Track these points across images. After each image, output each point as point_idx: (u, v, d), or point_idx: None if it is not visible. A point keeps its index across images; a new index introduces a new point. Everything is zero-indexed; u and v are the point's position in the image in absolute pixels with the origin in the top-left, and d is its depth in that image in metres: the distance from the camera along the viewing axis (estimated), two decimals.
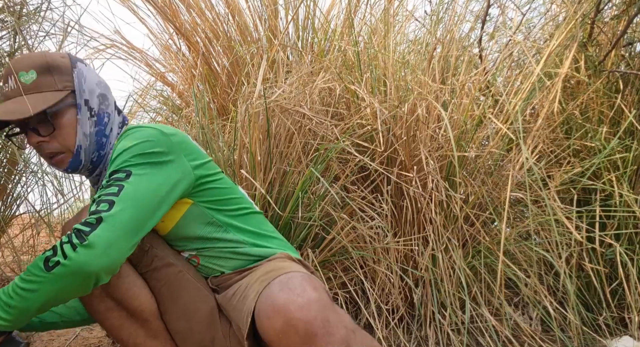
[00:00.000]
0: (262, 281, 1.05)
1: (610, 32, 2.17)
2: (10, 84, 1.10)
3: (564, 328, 1.79)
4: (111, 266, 1.00)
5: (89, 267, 0.97)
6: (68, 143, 1.14)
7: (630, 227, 1.92)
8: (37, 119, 1.11)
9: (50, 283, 0.98)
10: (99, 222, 0.99)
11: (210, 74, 2.24)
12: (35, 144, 1.14)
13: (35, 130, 1.12)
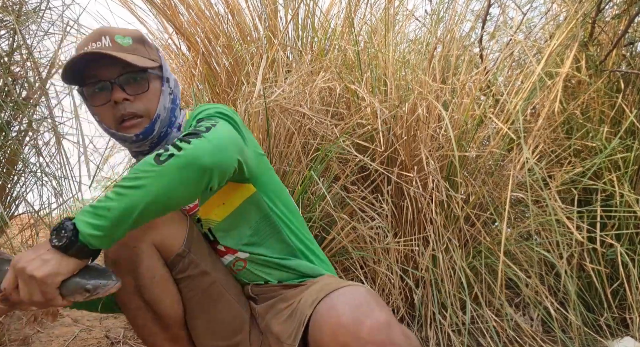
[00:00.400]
0: (320, 291, 1.01)
1: (611, 32, 2.16)
2: (104, 42, 1.12)
3: (565, 329, 1.79)
4: (224, 164, 0.96)
5: (204, 159, 0.93)
6: (150, 108, 1.15)
7: (631, 228, 1.92)
8: (127, 78, 1.13)
9: (160, 177, 0.92)
10: (207, 130, 0.97)
11: (209, 73, 2.23)
12: (120, 100, 1.12)
13: (121, 88, 1.13)
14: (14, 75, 1.88)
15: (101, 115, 1.17)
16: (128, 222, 0.91)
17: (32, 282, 0.88)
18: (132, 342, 1.77)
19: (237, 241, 1.18)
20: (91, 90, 1.16)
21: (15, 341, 1.74)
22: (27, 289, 0.89)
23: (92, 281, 0.93)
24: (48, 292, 0.89)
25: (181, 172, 0.92)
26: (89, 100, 1.18)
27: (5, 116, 1.88)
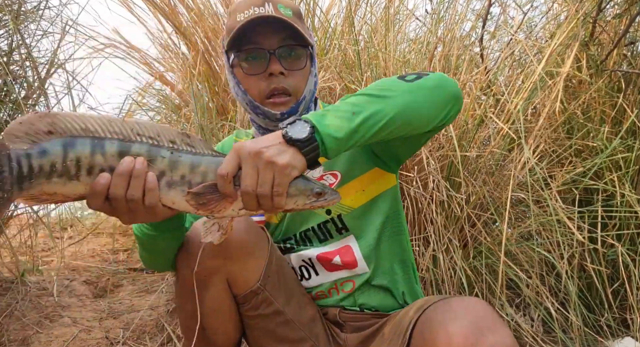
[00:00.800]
0: (427, 301, 0.95)
1: (612, 31, 2.16)
2: (268, 9, 1.06)
3: (566, 329, 1.78)
4: (461, 102, 0.95)
5: (454, 86, 0.92)
6: (300, 87, 1.10)
7: (632, 228, 1.91)
8: (286, 50, 1.08)
9: (408, 93, 0.89)
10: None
11: (209, 73, 2.22)
12: (277, 73, 1.07)
13: (279, 60, 1.07)
14: (13, 74, 1.87)
15: (248, 84, 1.10)
16: (370, 130, 0.85)
17: (269, 169, 0.78)
18: (131, 343, 1.76)
19: (365, 233, 1.11)
20: (245, 56, 1.10)
21: (15, 341, 1.73)
22: (261, 176, 0.78)
23: (319, 185, 0.85)
24: (282, 184, 0.78)
25: (431, 92, 0.91)
26: (242, 67, 1.10)
27: (4, 116, 1.88)
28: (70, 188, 0.77)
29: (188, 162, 0.80)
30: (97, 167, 0.76)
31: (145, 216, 0.82)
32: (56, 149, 0.74)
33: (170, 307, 1.88)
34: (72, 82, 1.88)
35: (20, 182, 0.72)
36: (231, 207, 0.82)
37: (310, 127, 0.81)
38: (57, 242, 2.31)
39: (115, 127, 0.77)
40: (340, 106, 0.87)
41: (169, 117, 2.49)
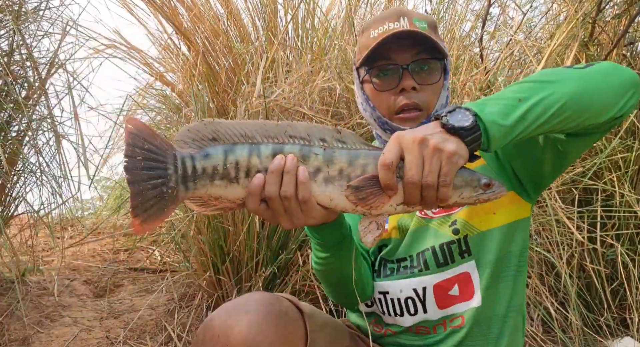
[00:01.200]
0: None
1: (612, 32, 2.16)
2: (403, 23, 1.03)
3: (565, 329, 1.79)
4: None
5: (630, 72, 0.85)
6: (431, 102, 1.04)
7: (631, 228, 1.91)
8: (419, 65, 1.04)
9: (580, 79, 0.83)
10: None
11: (209, 73, 2.23)
12: (409, 88, 1.02)
13: (411, 75, 1.03)
14: (13, 75, 1.88)
15: (378, 100, 1.06)
16: (539, 118, 0.79)
17: (436, 157, 0.73)
18: (131, 342, 1.76)
19: (486, 262, 1.01)
20: (377, 72, 1.06)
21: (15, 341, 1.74)
22: (427, 165, 0.73)
23: (486, 176, 0.79)
24: (449, 173, 0.73)
25: (606, 77, 0.85)
26: (372, 83, 1.06)
27: (4, 116, 1.88)
28: (231, 192, 0.80)
29: (345, 156, 0.79)
30: (254, 169, 0.79)
31: (302, 217, 0.80)
32: (218, 153, 0.79)
33: (171, 306, 1.89)
34: (72, 82, 1.88)
35: (185, 181, 0.78)
36: (389, 202, 0.78)
37: (472, 115, 0.75)
38: (58, 242, 2.31)
39: (270, 131, 0.80)
40: (501, 94, 0.81)
41: (169, 117, 2.49)
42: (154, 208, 0.76)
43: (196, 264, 1.86)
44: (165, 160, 0.76)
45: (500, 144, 0.78)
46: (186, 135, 0.79)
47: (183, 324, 1.80)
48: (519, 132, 0.78)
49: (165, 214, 0.77)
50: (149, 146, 0.76)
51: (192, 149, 0.78)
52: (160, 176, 0.76)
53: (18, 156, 1.93)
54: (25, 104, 1.85)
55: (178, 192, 0.77)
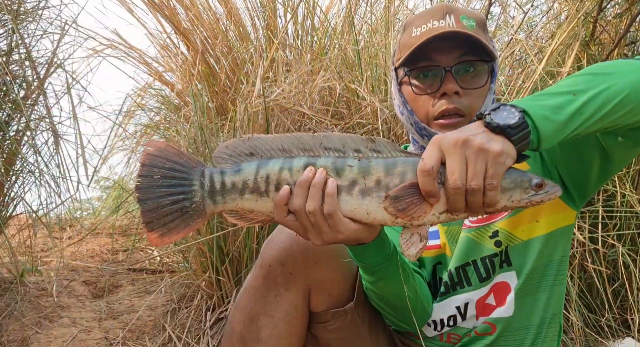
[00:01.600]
0: None
1: (613, 31, 2.15)
2: (449, 21, 0.96)
3: (567, 330, 1.78)
4: None
5: None
6: (475, 107, 0.97)
7: (632, 228, 1.91)
8: (464, 67, 0.97)
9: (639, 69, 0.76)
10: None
11: (209, 73, 2.22)
12: (452, 93, 0.95)
13: (455, 78, 0.96)
14: (12, 74, 1.87)
15: (416, 104, 0.99)
16: (598, 112, 0.73)
17: (481, 158, 0.67)
18: (130, 343, 1.76)
19: (527, 273, 0.96)
20: (417, 74, 0.99)
21: (14, 341, 1.73)
22: (471, 167, 0.67)
23: (537, 175, 0.73)
24: (496, 175, 0.67)
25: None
26: (412, 85, 0.99)
27: (3, 116, 1.87)
28: (262, 205, 0.80)
29: (381, 165, 0.75)
30: (284, 182, 0.79)
31: (329, 232, 0.76)
32: (250, 168, 0.80)
33: (170, 307, 1.88)
34: (71, 82, 1.87)
35: (213, 196, 0.81)
36: (432, 212, 0.73)
37: (519, 112, 0.70)
38: (57, 242, 2.30)
39: (306, 144, 0.80)
40: (552, 89, 0.75)
41: (168, 117, 2.48)
42: (176, 221, 0.81)
43: (195, 265, 1.85)
44: (189, 177, 0.81)
45: (552, 142, 0.72)
46: (224, 151, 0.82)
47: (182, 325, 1.79)
48: (575, 127, 0.72)
49: (190, 227, 0.81)
50: (172, 165, 0.81)
51: (228, 165, 0.81)
52: (182, 192, 0.80)
53: (16, 156, 1.92)
54: (23, 104, 1.84)
55: (205, 207, 0.81)
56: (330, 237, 0.76)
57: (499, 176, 0.68)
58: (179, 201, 0.80)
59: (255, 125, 1.74)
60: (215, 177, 0.81)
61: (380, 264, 0.86)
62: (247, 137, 0.82)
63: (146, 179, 0.80)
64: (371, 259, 0.85)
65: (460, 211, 0.71)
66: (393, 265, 0.87)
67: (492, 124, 0.69)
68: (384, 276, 0.88)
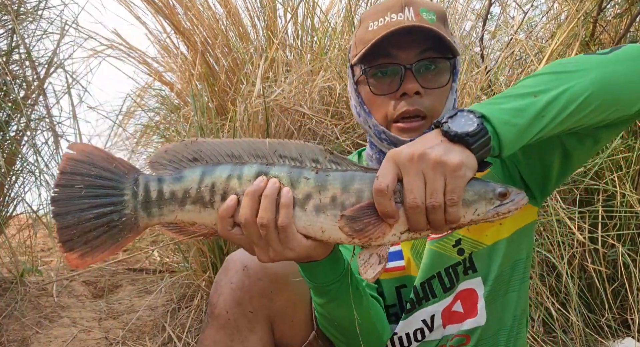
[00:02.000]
0: None
1: (613, 31, 2.15)
2: (408, 14, 0.89)
3: (566, 329, 1.78)
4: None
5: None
6: (437, 108, 0.91)
7: (632, 228, 1.91)
8: (425, 65, 0.90)
9: (604, 65, 0.72)
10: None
11: (208, 72, 2.22)
12: (412, 93, 0.88)
13: (415, 77, 0.89)
14: (12, 74, 1.87)
15: (374, 105, 0.92)
16: (561, 113, 0.68)
17: (439, 172, 0.62)
18: (130, 343, 1.76)
19: (493, 277, 0.93)
20: (374, 72, 0.92)
21: (14, 341, 1.73)
22: (430, 183, 0.63)
23: (499, 184, 0.69)
24: (456, 189, 0.63)
25: (632, 62, 0.74)
26: (369, 84, 0.92)
27: (3, 116, 1.87)
28: (206, 217, 0.72)
29: (338, 181, 0.69)
30: (232, 192, 0.71)
31: (279, 248, 0.69)
32: (193, 175, 0.72)
33: (170, 307, 1.88)
34: (71, 82, 1.87)
35: (148, 207, 0.72)
36: (391, 232, 0.68)
37: (478, 117, 0.65)
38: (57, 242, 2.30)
39: (259, 150, 0.72)
40: (512, 91, 0.70)
41: (168, 117, 2.48)
42: (101, 238, 0.70)
43: (195, 265, 1.85)
44: (120, 186, 0.71)
45: (515, 147, 0.68)
46: (162, 157, 0.73)
47: (182, 325, 1.79)
48: (538, 131, 0.68)
49: (118, 244, 0.71)
50: (98, 172, 0.70)
51: (168, 172, 0.72)
52: (111, 203, 0.71)
53: (17, 156, 1.92)
54: (24, 104, 1.84)
55: (138, 219, 0.72)
56: (280, 253, 0.70)
57: (460, 190, 0.63)
58: (105, 214, 0.70)
59: (255, 125, 1.74)
60: (151, 186, 0.71)
61: (332, 284, 0.79)
62: (191, 141, 0.73)
63: (65, 190, 0.69)
64: (323, 277, 0.78)
65: (422, 230, 0.67)
66: (346, 285, 0.80)
67: (449, 132, 0.65)
68: (335, 297, 0.81)
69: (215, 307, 0.90)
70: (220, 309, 0.89)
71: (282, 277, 0.89)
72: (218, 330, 0.90)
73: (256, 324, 0.89)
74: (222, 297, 0.89)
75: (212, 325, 0.91)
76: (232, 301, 0.89)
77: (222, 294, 0.90)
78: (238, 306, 0.88)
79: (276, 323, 0.92)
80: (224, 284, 0.90)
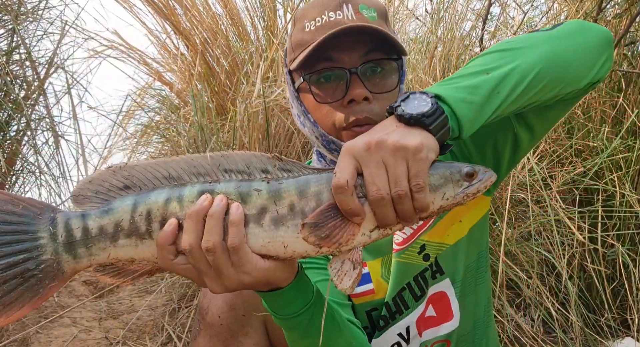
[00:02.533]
0: None
1: (613, 31, 2.15)
2: (347, 13, 0.82)
3: (566, 329, 1.78)
4: (612, 41, 0.77)
5: (598, 26, 0.75)
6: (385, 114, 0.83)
7: (632, 228, 1.91)
8: (371, 68, 0.83)
9: (550, 40, 0.72)
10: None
11: (208, 73, 2.22)
12: (360, 99, 0.81)
13: (362, 81, 0.82)
14: (12, 74, 1.87)
15: (320, 114, 0.85)
16: (514, 90, 0.66)
17: (399, 157, 0.58)
18: (131, 343, 1.76)
19: (460, 275, 0.91)
20: (317, 78, 0.84)
21: (15, 341, 1.73)
22: (392, 171, 0.58)
23: (464, 163, 0.65)
24: (420, 172, 0.58)
25: (580, 37, 0.73)
26: (312, 93, 0.85)
27: (4, 116, 1.88)
28: (145, 250, 0.63)
29: (293, 187, 0.63)
30: (172, 217, 0.62)
31: (233, 274, 0.61)
32: (124, 205, 0.63)
33: (170, 307, 1.88)
34: (71, 82, 1.87)
35: (71, 249, 0.63)
36: (360, 232, 0.62)
37: (431, 98, 0.62)
38: None
39: (200, 167, 0.64)
40: (463, 71, 0.68)
41: (168, 117, 2.48)
42: (16, 292, 0.61)
43: None
44: (31, 229, 0.61)
45: (473, 127, 0.65)
46: (86, 188, 0.64)
47: (182, 325, 1.79)
48: (494, 109, 0.65)
49: (40, 296, 0.62)
50: (3, 217, 0.61)
51: (94, 204, 0.63)
52: (23, 250, 0.61)
53: (17, 156, 1.93)
54: (24, 104, 1.85)
55: (61, 264, 0.63)
56: (234, 280, 0.62)
57: (424, 173, 0.59)
58: (16, 264, 0.60)
59: (255, 125, 1.74)
60: (72, 223, 0.62)
61: (301, 314, 0.69)
62: (119, 166, 0.64)
63: None
64: (289, 307, 0.69)
65: (392, 224, 0.61)
66: (318, 315, 0.70)
67: (404, 115, 0.61)
68: (307, 331, 0.71)
69: (207, 313, 0.86)
70: (212, 315, 0.85)
71: None
72: (211, 337, 0.85)
73: (250, 328, 0.85)
74: (214, 301, 0.86)
75: (204, 333, 0.86)
76: (225, 304, 0.85)
77: (213, 298, 0.86)
78: (231, 310, 0.85)
79: (271, 327, 0.88)
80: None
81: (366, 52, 0.83)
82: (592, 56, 0.75)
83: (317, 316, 0.70)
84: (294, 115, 0.93)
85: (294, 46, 0.87)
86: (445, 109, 0.62)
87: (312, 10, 0.84)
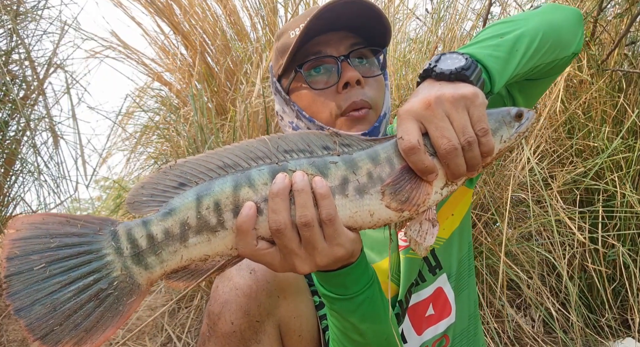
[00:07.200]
0: None
1: (613, 31, 2.15)
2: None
3: (567, 330, 1.78)
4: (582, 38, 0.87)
5: (573, 7, 0.87)
6: (379, 100, 0.89)
7: (632, 228, 1.90)
8: (359, 54, 0.89)
9: (539, 14, 0.81)
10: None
11: (208, 72, 2.22)
12: (353, 81, 0.86)
13: (351, 66, 0.87)
14: (11, 74, 1.87)
15: (316, 105, 0.88)
16: (528, 50, 0.74)
17: (460, 106, 0.60)
18: (131, 343, 1.76)
19: (454, 269, 0.92)
20: (307, 72, 0.89)
21: (14, 341, 1.73)
22: (457, 121, 0.60)
23: (512, 107, 0.67)
24: (482, 117, 0.61)
25: (560, 13, 0.84)
26: (308, 83, 0.88)
27: (3, 116, 1.87)
28: (219, 243, 0.60)
29: (365, 156, 0.63)
30: (245, 202, 0.60)
31: (326, 248, 0.60)
32: (186, 202, 0.59)
33: (170, 307, 1.88)
34: (71, 82, 1.87)
35: (141, 259, 0.59)
36: (433, 190, 0.63)
37: (461, 54, 0.66)
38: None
39: (257, 151, 0.61)
40: (477, 38, 0.74)
41: (168, 117, 2.48)
42: (96, 315, 0.57)
43: None
44: (95, 247, 0.58)
45: (501, 81, 0.69)
46: (140, 194, 0.60)
47: (182, 325, 1.79)
48: (515, 65, 0.72)
49: (122, 314, 0.58)
50: (60, 241, 0.57)
51: (152, 209, 0.59)
52: (91, 272, 0.57)
53: (16, 156, 1.92)
54: (23, 104, 1.84)
55: (134, 277, 0.59)
56: (327, 254, 0.61)
57: (485, 117, 0.62)
58: (88, 286, 0.57)
59: (255, 125, 1.74)
60: (135, 233, 0.58)
61: (364, 291, 0.69)
62: (169, 166, 0.60)
63: (20, 277, 0.55)
64: (356, 284, 0.69)
65: (461, 175, 0.63)
66: (376, 293, 0.71)
67: (444, 72, 0.64)
68: (368, 310, 0.70)
69: (218, 319, 0.82)
70: (225, 321, 0.81)
71: (292, 282, 0.85)
72: (222, 346, 0.82)
73: (263, 335, 0.83)
74: (227, 307, 0.82)
75: (215, 341, 0.83)
76: (240, 310, 0.81)
77: (226, 302, 0.82)
78: (245, 315, 0.81)
79: (284, 334, 0.87)
80: (228, 291, 0.82)
81: (352, 44, 0.89)
82: (574, 27, 0.85)
83: (376, 295, 0.71)
84: (284, 127, 0.93)
85: (281, 54, 0.90)
86: (477, 63, 0.67)
87: (294, 22, 0.90)
